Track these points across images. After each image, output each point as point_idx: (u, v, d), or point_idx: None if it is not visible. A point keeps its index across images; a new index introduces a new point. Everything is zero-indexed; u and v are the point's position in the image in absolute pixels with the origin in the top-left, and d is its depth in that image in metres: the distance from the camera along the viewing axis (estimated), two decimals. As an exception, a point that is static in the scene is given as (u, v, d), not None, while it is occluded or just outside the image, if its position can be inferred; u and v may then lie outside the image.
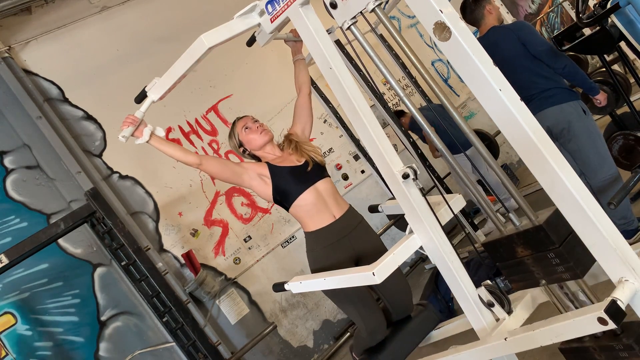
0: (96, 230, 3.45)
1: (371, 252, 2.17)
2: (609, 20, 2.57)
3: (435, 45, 2.46)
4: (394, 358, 2.07)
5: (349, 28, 1.54)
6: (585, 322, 1.22)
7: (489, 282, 1.65)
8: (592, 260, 1.25)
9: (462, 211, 3.92)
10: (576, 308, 1.53)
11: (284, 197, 2.14)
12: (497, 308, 1.62)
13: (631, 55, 3.10)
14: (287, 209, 2.17)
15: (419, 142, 4.19)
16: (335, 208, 2.15)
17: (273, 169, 2.16)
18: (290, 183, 2.13)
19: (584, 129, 2.76)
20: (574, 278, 1.40)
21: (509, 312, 1.63)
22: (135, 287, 3.47)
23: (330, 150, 4.99)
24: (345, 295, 2.12)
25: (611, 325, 1.17)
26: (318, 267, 2.15)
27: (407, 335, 2.13)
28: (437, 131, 4.30)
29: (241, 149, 2.30)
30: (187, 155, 2.05)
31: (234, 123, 2.32)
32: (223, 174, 2.13)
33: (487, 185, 1.74)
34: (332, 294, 2.16)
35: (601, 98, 2.87)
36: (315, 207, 2.11)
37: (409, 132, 4.22)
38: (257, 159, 2.30)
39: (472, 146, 1.50)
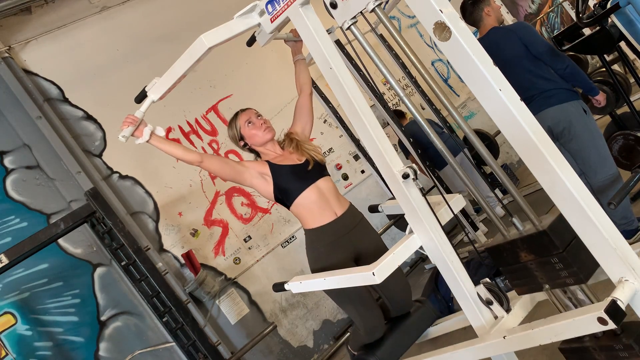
0: (96, 230, 3.45)
1: (371, 250, 2.17)
2: (609, 20, 2.57)
3: (435, 45, 2.46)
4: (392, 354, 2.07)
5: (349, 28, 1.54)
6: (585, 322, 1.22)
7: (488, 280, 1.65)
8: (596, 265, 1.25)
9: (462, 211, 3.92)
10: (575, 307, 1.53)
11: (285, 195, 2.14)
12: (495, 306, 1.62)
13: (631, 55, 3.10)
14: (288, 207, 2.17)
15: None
16: (337, 206, 2.15)
17: (274, 168, 2.15)
18: (291, 181, 2.12)
19: (585, 129, 2.76)
20: (577, 283, 1.39)
21: (508, 310, 1.63)
22: (135, 287, 3.47)
23: (330, 150, 4.99)
24: (344, 293, 2.12)
25: (611, 325, 1.17)
26: (318, 264, 2.15)
27: (405, 332, 2.13)
28: (421, 145, 4.31)
29: (241, 143, 2.29)
30: (187, 153, 2.05)
31: (236, 114, 2.31)
32: (223, 171, 2.12)
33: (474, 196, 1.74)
34: (331, 291, 2.15)
35: (600, 99, 2.87)
36: (316, 205, 2.12)
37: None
38: (256, 153, 2.31)
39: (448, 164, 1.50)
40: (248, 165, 2.16)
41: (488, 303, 1.62)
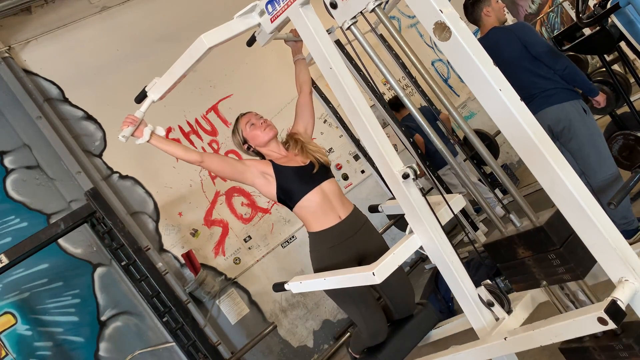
0: (96, 230, 3.45)
1: (375, 253, 2.15)
2: (609, 20, 2.57)
3: (435, 45, 2.46)
4: (393, 357, 2.07)
5: (349, 28, 1.54)
6: (585, 322, 1.22)
7: (488, 281, 1.65)
8: (593, 261, 1.25)
9: (462, 211, 3.92)
10: (576, 307, 1.53)
11: (288, 196, 2.12)
12: (496, 308, 1.62)
13: (631, 55, 3.10)
14: (291, 208, 2.16)
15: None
16: (341, 209, 2.14)
17: (277, 168, 2.14)
18: (295, 183, 2.11)
19: (584, 128, 2.76)
20: (574, 279, 1.40)
21: (509, 311, 1.63)
22: (135, 287, 3.47)
23: (330, 150, 4.99)
24: (347, 294, 2.11)
25: (611, 325, 1.17)
26: (322, 267, 2.14)
27: (407, 335, 2.13)
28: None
29: (245, 146, 2.27)
30: (188, 152, 2.05)
31: (237, 119, 2.30)
32: (224, 171, 2.11)
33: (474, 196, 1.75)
34: (333, 293, 2.15)
35: (600, 100, 2.87)
36: (320, 208, 2.10)
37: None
38: (261, 156, 2.28)
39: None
40: (249, 164, 2.14)
41: (489, 305, 1.61)
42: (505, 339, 1.46)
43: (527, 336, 1.39)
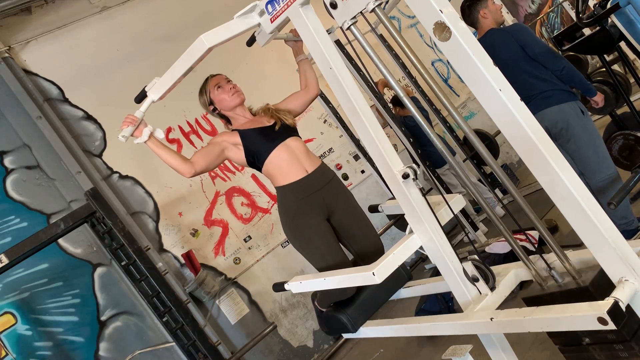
0: (96, 230, 3.45)
1: (343, 207, 2.19)
2: (609, 20, 2.57)
3: (435, 45, 2.46)
4: (362, 313, 2.05)
5: (349, 28, 1.54)
6: (583, 320, 1.22)
7: (475, 257, 1.65)
8: (639, 322, 1.23)
9: (462, 211, 3.92)
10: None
11: (256, 157, 2.16)
12: (481, 284, 1.62)
13: (631, 55, 3.11)
14: (260, 169, 2.19)
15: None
16: (307, 163, 2.17)
17: (243, 133, 2.18)
18: (260, 143, 2.15)
19: (582, 129, 2.76)
20: (620, 341, 1.36)
21: (492, 288, 1.63)
22: (135, 287, 3.47)
23: (330, 150, 4.99)
24: (315, 248, 2.12)
25: (611, 326, 1.17)
26: (289, 221, 2.16)
27: (377, 291, 2.11)
28: (419, 142, 4.26)
29: (211, 107, 2.31)
30: (181, 164, 2.04)
31: (206, 80, 2.32)
32: (212, 163, 2.15)
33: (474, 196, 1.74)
34: (300, 247, 2.16)
35: (598, 99, 2.87)
36: (286, 162, 2.13)
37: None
38: (226, 118, 2.33)
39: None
40: (221, 142, 2.18)
41: (474, 280, 1.62)
42: (491, 319, 1.44)
43: (516, 321, 1.38)
